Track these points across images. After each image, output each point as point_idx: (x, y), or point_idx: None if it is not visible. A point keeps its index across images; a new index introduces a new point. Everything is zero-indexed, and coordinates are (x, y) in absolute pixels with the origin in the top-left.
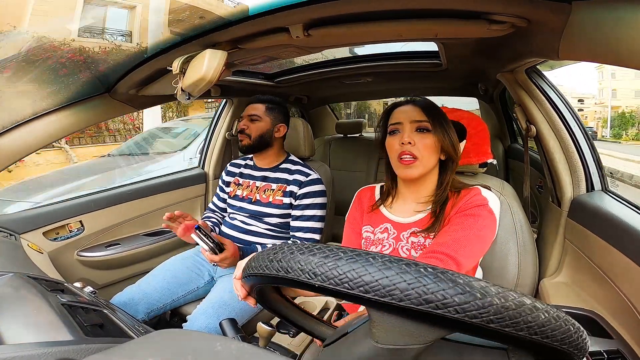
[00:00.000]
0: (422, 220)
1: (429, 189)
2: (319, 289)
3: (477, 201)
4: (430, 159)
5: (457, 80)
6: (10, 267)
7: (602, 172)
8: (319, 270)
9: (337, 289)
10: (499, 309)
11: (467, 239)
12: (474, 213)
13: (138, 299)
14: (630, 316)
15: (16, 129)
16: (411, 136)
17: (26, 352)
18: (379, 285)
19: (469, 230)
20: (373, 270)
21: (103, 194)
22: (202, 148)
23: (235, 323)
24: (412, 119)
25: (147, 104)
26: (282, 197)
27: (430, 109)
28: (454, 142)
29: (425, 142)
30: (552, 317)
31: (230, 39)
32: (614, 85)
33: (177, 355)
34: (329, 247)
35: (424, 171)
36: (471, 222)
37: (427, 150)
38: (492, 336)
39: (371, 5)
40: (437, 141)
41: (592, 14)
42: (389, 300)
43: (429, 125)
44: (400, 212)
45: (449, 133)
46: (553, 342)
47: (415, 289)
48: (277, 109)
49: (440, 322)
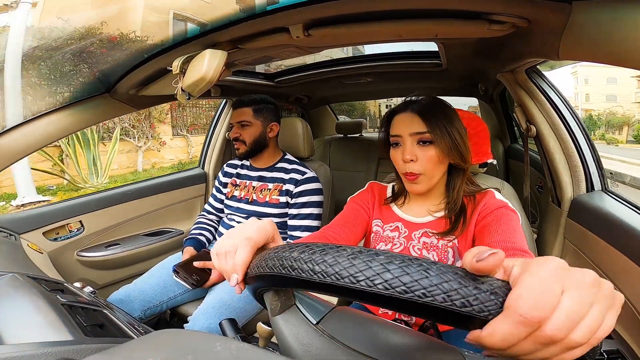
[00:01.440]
0: (435, 222)
1: (439, 193)
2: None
3: (498, 203)
4: (435, 171)
5: (457, 80)
6: (10, 267)
7: (602, 172)
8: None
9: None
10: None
11: (516, 233)
12: (502, 213)
13: (134, 296)
14: (630, 316)
15: (16, 129)
16: (412, 151)
17: (26, 352)
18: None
19: (510, 227)
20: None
21: (103, 194)
22: (202, 148)
23: (235, 323)
24: (412, 131)
25: (147, 104)
26: (278, 196)
27: (430, 115)
28: (460, 146)
29: (428, 155)
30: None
31: (230, 39)
32: (587, 90)
33: (176, 355)
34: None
35: (430, 184)
36: (506, 220)
37: (430, 163)
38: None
39: (371, 5)
40: (441, 152)
41: (593, 14)
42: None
43: (429, 136)
44: (413, 212)
45: (453, 137)
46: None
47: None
48: (265, 109)
49: None
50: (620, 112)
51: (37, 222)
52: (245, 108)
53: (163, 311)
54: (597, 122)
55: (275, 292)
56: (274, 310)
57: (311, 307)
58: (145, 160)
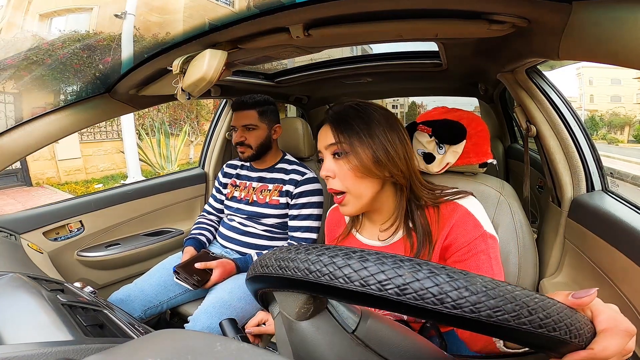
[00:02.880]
0: (399, 243)
1: (389, 209)
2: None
3: (470, 230)
4: (361, 188)
5: (457, 80)
6: (10, 267)
7: (602, 172)
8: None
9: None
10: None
11: (494, 270)
12: (479, 249)
13: (134, 296)
14: (630, 316)
15: (16, 129)
16: (328, 166)
17: (26, 352)
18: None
19: (489, 265)
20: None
21: (103, 194)
22: (202, 148)
23: (235, 323)
24: (326, 143)
25: (147, 104)
26: (278, 197)
27: (342, 124)
28: (390, 157)
29: (343, 169)
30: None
31: (230, 39)
32: (592, 91)
33: (176, 355)
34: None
35: (360, 204)
36: (484, 259)
37: (348, 178)
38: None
39: (371, 5)
40: (360, 165)
41: (593, 14)
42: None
43: (338, 147)
44: (372, 235)
45: (374, 148)
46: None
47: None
48: (269, 110)
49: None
50: (622, 113)
51: (37, 222)
52: (250, 111)
53: (163, 311)
54: (599, 122)
55: (309, 295)
56: (300, 314)
57: (345, 314)
58: (196, 152)
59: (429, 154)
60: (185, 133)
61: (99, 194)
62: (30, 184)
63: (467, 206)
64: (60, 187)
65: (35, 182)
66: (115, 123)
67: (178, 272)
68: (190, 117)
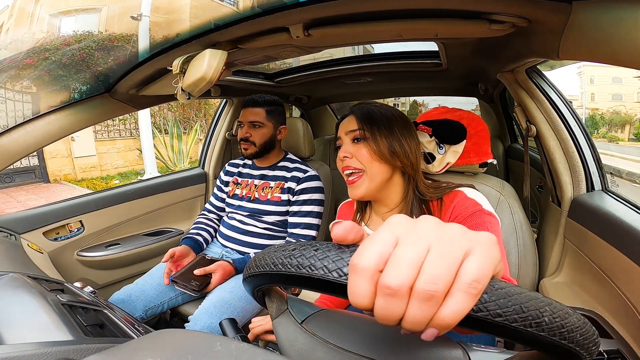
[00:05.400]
0: None
1: (394, 201)
2: None
3: (470, 205)
4: (374, 170)
5: (457, 80)
6: (10, 267)
7: (602, 172)
8: None
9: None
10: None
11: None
12: (482, 221)
13: (135, 296)
14: (630, 316)
15: (16, 129)
16: (346, 149)
17: (26, 352)
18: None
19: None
20: None
21: (103, 193)
22: (202, 148)
23: (235, 323)
24: (347, 130)
25: (147, 104)
26: (280, 193)
27: (366, 116)
28: (406, 152)
29: (361, 151)
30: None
31: (230, 39)
32: (593, 89)
33: (176, 355)
34: None
35: (372, 185)
36: (488, 227)
37: (364, 159)
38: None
39: (371, 5)
40: (376, 150)
41: (593, 14)
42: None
43: (359, 134)
44: (379, 227)
45: (390, 141)
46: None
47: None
48: (277, 111)
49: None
50: (623, 112)
51: (37, 222)
52: (259, 108)
53: (164, 311)
54: (599, 121)
55: (269, 297)
56: (272, 314)
57: (299, 309)
58: None
59: (429, 153)
60: (196, 131)
61: (99, 194)
62: (48, 180)
63: (467, 192)
64: (78, 184)
65: (53, 178)
66: (129, 121)
67: (175, 280)
68: (199, 115)
